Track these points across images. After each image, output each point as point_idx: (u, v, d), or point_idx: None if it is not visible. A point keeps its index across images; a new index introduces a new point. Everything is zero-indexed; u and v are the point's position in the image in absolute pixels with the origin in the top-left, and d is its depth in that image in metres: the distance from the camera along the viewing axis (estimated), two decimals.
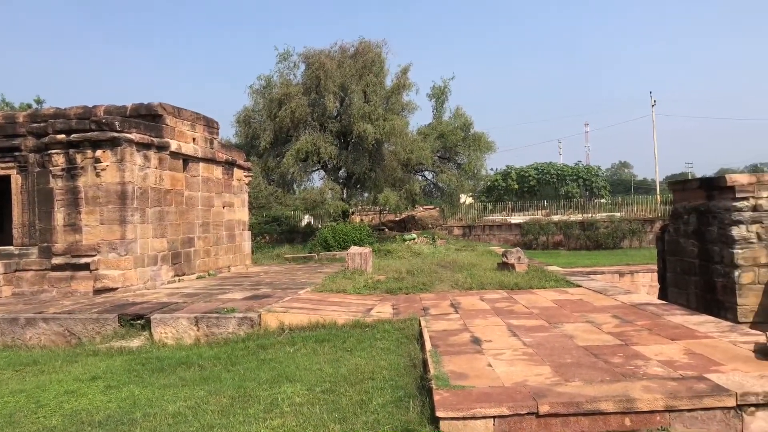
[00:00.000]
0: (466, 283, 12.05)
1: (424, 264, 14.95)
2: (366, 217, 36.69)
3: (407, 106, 27.25)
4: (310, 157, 24.76)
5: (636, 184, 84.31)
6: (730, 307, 11.35)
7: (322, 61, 25.16)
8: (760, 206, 11.29)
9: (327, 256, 20.25)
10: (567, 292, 10.80)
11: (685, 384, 4.96)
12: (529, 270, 13.44)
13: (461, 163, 28.49)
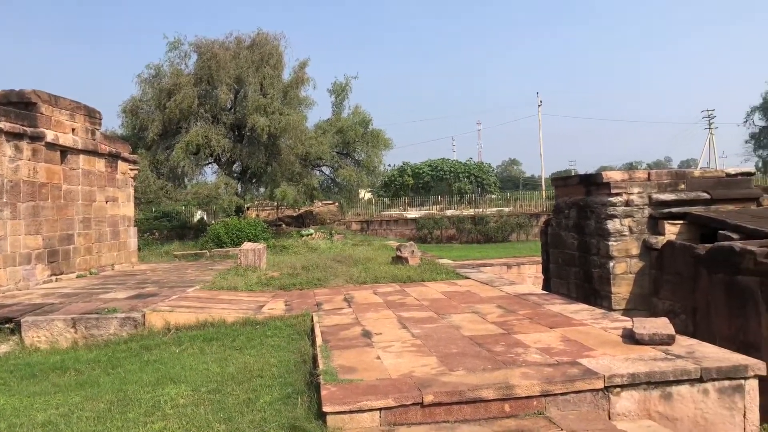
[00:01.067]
0: (361, 278, 12.13)
1: (320, 259, 14.90)
2: (263, 212, 36.06)
3: (305, 101, 27.05)
4: (201, 150, 23.97)
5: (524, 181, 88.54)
6: (606, 296, 12.13)
7: (215, 52, 24.41)
8: (631, 201, 12.13)
9: (219, 253, 19.69)
10: (456, 284, 11.14)
11: (559, 369, 5.25)
12: (422, 263, 13.73)
13: (359, 159, 28.66)
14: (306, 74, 26.61)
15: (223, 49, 24.95)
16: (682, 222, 11.71)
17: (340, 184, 28.68)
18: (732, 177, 12.82)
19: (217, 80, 24.17)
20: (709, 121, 61.46)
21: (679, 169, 13.80)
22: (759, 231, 9.80)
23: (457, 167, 47.60)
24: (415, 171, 47.23)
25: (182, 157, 23.17)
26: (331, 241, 21.89)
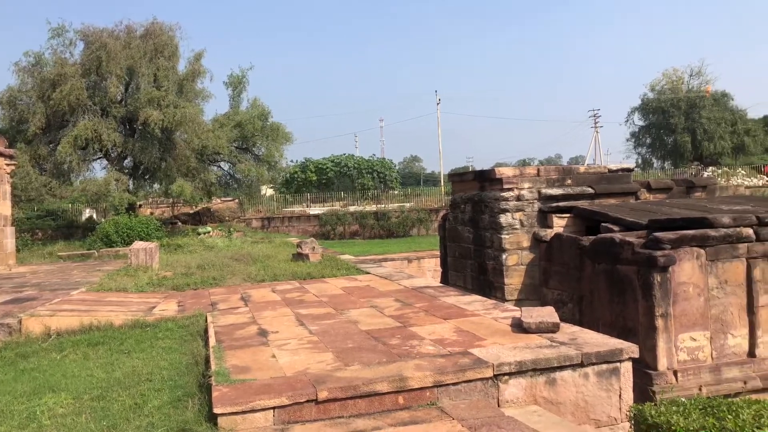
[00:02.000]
0: (259, 276, 11.90)
1: (217, 258, 14.47)
2: (158, 209, 34.59)
3: (201, 93, 26.19)
4: (90, 145, 22.62)
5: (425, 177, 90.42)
6: (499, 287, 12.59)
7: (105, 41, 23.07)
8: (522, 196, 12.64)
9: (109, 253, 18.67)
10: (356, 279, 11.17)
11: (451, 360, 5.38)
12: (323, 259, 13.67)
13: (259, 153, 28.11)
14: (202, 66, 25.76)
15: (114, 38, 23.65)
16: (569, 215, 12.32)
17: (239, 180, 28.01)
18: (614, 173, 13.66)
19: (106, 71, 22.86)
20: (594, 120, 65.37)
21: (566, 165, 14.53)
22: (637, 223, 10.47)
23: (360, 163, 47.79)
24: (318, 167, 46.98)
25: (69, 152, 21.74)
26: (230, 239, 21.34)
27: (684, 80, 54.46)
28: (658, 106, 53.10)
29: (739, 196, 14.81)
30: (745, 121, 52.99)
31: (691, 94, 52.34)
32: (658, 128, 53.92)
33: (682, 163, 50.55)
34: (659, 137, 54.28)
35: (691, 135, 50.52)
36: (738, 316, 9.16)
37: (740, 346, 9.10)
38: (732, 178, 37.92)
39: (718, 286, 9.16)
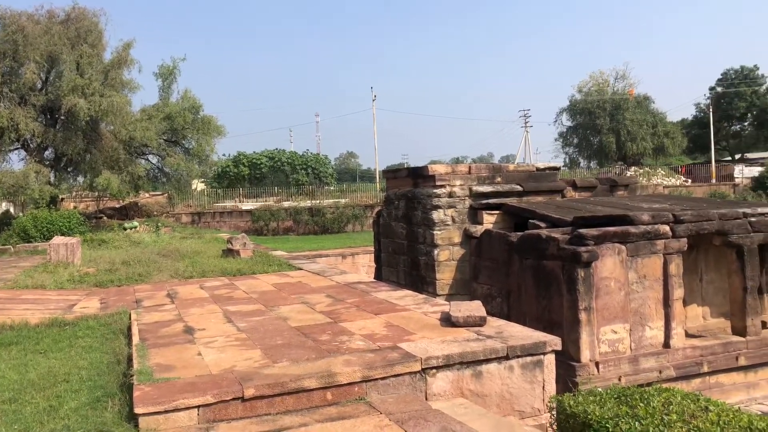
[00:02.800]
0: (187, 272, 11.59)
1: (143, 254, 13.99)
2: (82, 203, 33.14)
3: (129, 84, 25.21)
4: (6, 134, 21.41)
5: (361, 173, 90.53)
6: (431, 282, 12.74)
7: (22, 24, 21.85)
8: (454, 193, 12.82)
9: (26, 249, 17.74)
10: (288, 276, 11.06)
11: (381, 355, 5.39)
12: (254, 255, 13.45)
13: (190, 147, 27.33)
14: (130, 56, 24.82)
15: (33, 22, 22.42)
16: (499, 212, 12.59)
17: (168, 174, 27.17)
18: (541, 171, 14.05)
19: (24, 56, 21.66)
20: (525, 120, 67.13)
21: (496, 164, 14.83)
22: (562, 220, 10.80)
23: (294, 159, 47.30)
24: (252, 161, 46.18)
25: None
26: (158, 235, 20.67)
27: (609, 83, 56.70)
28: (584, 107, 55.07)
29: (658, 195, 15.55)
30: (665, 123, 55.68)
31: (616, 96, 54.55)
32: (584, 129, 55.92)
33: (607, 163, 52.63)
34: (586, 137, 56.30)
35: (615, 136, 52.65)
36: (655, 309, 9.60)
37: (656, 337, 9.54)
38: (653, 177, 39.83)
39: (637, 280, 9.57)
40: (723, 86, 60.20)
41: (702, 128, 57.44)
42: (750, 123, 61.58)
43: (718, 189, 37.80)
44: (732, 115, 59.90)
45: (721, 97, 59.28)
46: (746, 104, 58.69)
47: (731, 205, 11.93)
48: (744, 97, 58.35)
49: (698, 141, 59.29)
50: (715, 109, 56.10)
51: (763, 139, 59.94)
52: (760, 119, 59.19)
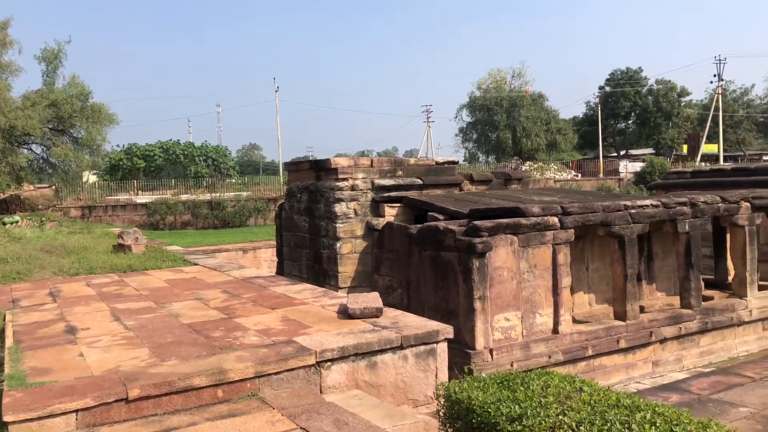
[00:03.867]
0: (73, 269, 10.91)
1: (24, 250, 13.02)
2: None
3: (8, 67, 23.44)
4: None
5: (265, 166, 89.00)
6: (333, 275, 12.71)
7: None
8: (356, 186, 12.84)
9: None
10: (183, 271, 10.67)
11: (275, 349, 5.30)
12: (147, 251, 12.88)
13: (78, 136, 25.79)
14: (9, 36, 23.05)
15: None
16: (400, 205, 12.75)
17: (55, 165, 25.52)
18: (440, 165, 14.36)
19: None
20: (427, 115, 68.52)
21: (397, 157, 15.00)
22: (459, 212, 11.09)
23: (193, 150, 45.73)
24: (146, 153, 44.18)
25: None
26: (42, 230, 19.33)
27: (507, 80, 58.90)
28: (483, 104, 56.91)
29: (549, 189, 16.31)
30: (558, 120, 58.59)
31: (513, 94, 56.76)
32: (483, 125, 57.82)
33: (504, 158, 54.69)
34: (484, 133, 58.24)
35: (512, 132, 54.80)
36: (545, 297, 10.06)
37: (546, 324, 10.00)
38: (546, 172, 41.78)
39: (528, 269, 9.98)
40: (610, 86, 64.12)
41: (591, 125, 60.92)
42: (633, 121, 66.03)
43: (604, 183, 40.26)
44: (618, 113, 63.94)
45: (609, 97, 63.13)
46: (630, 104, 62.83)
47: (614, 198, 12.71)
48: (628, 97, 62.43)
49: (588, 137, 62.85)
50: (603, 108, 59.65)
51: (645, 137, 64.47)
52: (642, 118, 63.58)
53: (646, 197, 12.74)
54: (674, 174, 21.87)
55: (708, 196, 11.91)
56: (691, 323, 11.13)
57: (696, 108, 63.04)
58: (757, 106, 62.52)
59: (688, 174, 20.72)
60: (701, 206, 11.49)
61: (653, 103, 61.99)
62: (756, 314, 11.97)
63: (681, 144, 60.22)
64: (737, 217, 11.94)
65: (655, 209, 11.04)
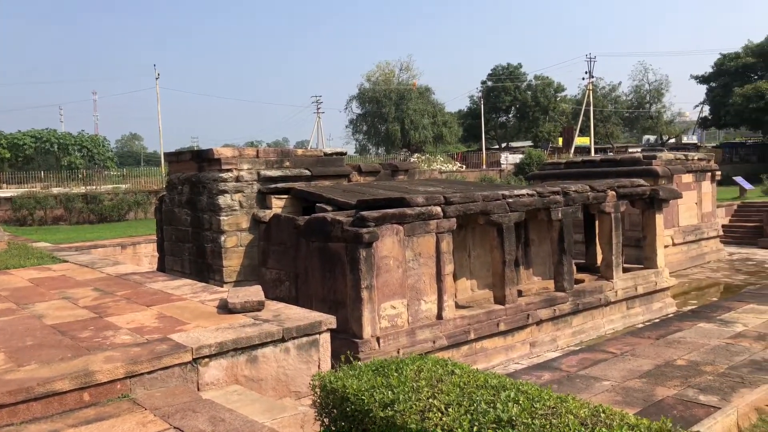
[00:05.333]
0: None
1: None
2: None
3: None
4: None
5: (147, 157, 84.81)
6: (218, 270, 12.33)
7: None
8: (241, 177, 12.50)
9: None
10: (50, 269, 9.91)
11: (148, 348, 5.04)
12: (10, 248, 11.86)
13: None
14: None
15: None
16: (287, 196, 12.57)
17: None
18: (329, 156, 14.32)
19: None
20: (317, 106, 68.12)
21: (285, 148, 14.81)
22: (347, 203, 11.11)
23: (66, 140, 42.66)
24: (13, 142, 40.70)
25: None
26: None
27: (395, 73, 59.75)
28: (373, 96, 57.44)
29: (434, 180, 16.72)
30: (444, 114, 60.30)
31: (401, 86, 57.69)
32: (373, 117, 58.38)
33: (393, 150, 55.54)
34: (374, 125, 58.83)
35: (400, 124, 55.75)
36: (429, 284, 10.31)
37: (431, 310, 10.27)
38: (433, 163, 42.86)
39: (413, 258, 10.19)
40: (492, 81, 66.80)
41: (475, 119, 63.21)
42: (514, 115, 69.26)
43: (487, 174, 41.94)
44: (499, 107, 66.80)
45: (491, 91, 65.75)
46: (511, 98, 65.83)
47: (493, 188, 13.24)
48: (509, 91, 65.35)
49: (472, 130, 65.20)
50: (485, 102, 62.03)
51: (525, 130, 67.86)
52: (521, 112, 66.85)
53: (522, 187, 13.37)
54: (549, 165, 23.19)
55: (578, 185, 12.71)
56: (565, 305, 11.84)
57: (570, 103, 67.08)
58: (624, 102, 67.55)
59: (562, 165, 22.06)
60: (572, 195, 12.23)
61: (532, 98, 65.32)
62: (621, 294, 12.95)
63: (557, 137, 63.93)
64: (604, 205, 12.83)
65: (530, 198, 11.62)
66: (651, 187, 14.11)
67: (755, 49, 49.06)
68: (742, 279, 17.44)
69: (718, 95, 49.51)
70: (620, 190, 13.13)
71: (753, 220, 24.31)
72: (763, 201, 26.27)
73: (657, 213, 13.99)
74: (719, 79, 50.59)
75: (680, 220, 19.60)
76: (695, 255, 19.83)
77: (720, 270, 18.95)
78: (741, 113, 45.44)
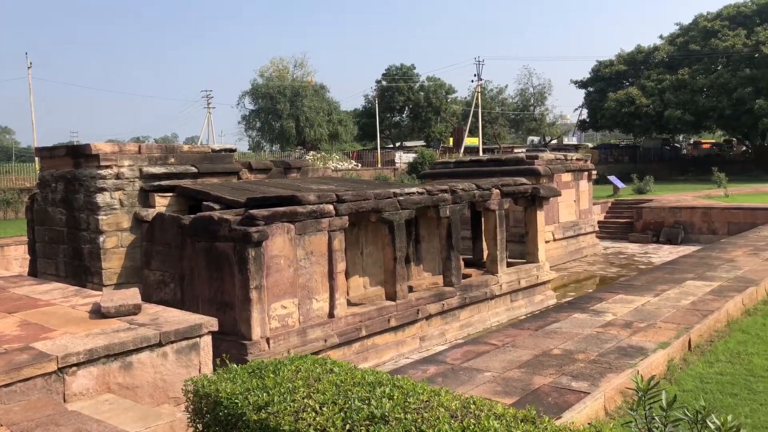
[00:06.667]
0: None
1: None
2: None
3: None
4: None
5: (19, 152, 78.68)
6: (97, 272, 11.62)
7: None
8: (122, 174, 11.85)
9: None
10: None
11: (6, 358, 4.64)
12: None
13: None
14: None
15: None
16: (172, 195, 12.07)
17: None
18: (217, 153, 13.90)
19: None
20: (207, 101, 66.02)
21: (169, 144, 14.23)
22: (236, 201, 10.84)
23: None
24: None
25: None
26: None
27: (290, 70, 59.09)
28: (267, 92, 56.46)
29: (327, 177, 16.68)
30: (339, 112, 60.41)
31: (296, 83, 57.12)
32: (267, 113, 57.40)
33: (288, 147, 54.94)
34: (268, 122, 57.87)
35: (295, 121, 55.20)
36: (321, 282, 10.27)
37: (322, 309, 10.23)
38: (329, 161, 42.83)
39: (305, 256, 10.10)
40: (387, 81, 67.70)
41: (370, 118, 63.81)
42: (407, 115, 70.60)
43: (382, 173, 42.44)
44: (393, 107, 67.84)
45: (385, 91, 66.62)
46: (404, 98, 67.03)
47: (385, 186, 13.40)
48: (403, 92, 66.51)
49: (367, 129, 65.77)
50: (380, 101, 62.76)
51: (418, 130, 69.35)
52: (415, 112, 68.26)
53: (413, 185, 13.66)
54: (440, 164, 23.86)
55: (466, 183, 13.13)
56: (453, 299, 12.20)
57: (461, 104, 69.28)
58: (510, 105, 70.70)
59: (451, 164, 22.76)
60: (460, 193, 12.61)
61: (424, 99, 66.82)
62: (505, 288, 13.52)
63: (448, 137, 65.84)
64: (489, 202, 13.34)
65: (420, 196, 11.86)
66: (533, 186, 14.85)
67: (626, 58, 52.91)
68: (615, 271, 18.77)
69: (595, 99, 52.94)
70: (504, 189, 13.70)
71: (625, 216, 26.26)
72: (634, 198, 28.41)
73: (538, 210, 14.73)
74: (596, 84, 54.08)
75: (560, 217, 20.77)
76: (574, 249, 21.11)
77: (596, 263, 20.29)
78: (615, 117, 48.87)
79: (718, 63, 45.38)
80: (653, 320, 8.83)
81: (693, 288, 10.89)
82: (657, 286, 11.21)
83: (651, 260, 19.84)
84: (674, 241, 23.24)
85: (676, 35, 50.43)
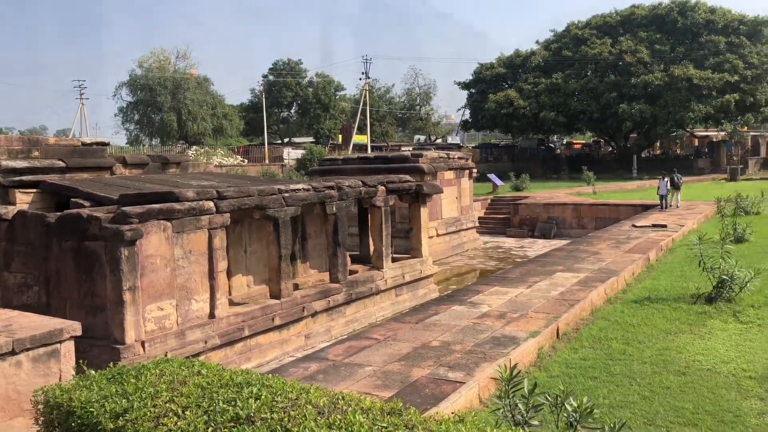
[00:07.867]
0: None
1: None
2: None
3: None
4: None
5: None
6: None
7: None
8: None
9: None
10: None
11: None
12: None
13: None
14: None
15: None
16: (36, 191, 11.29)
17: None
18: (88, 146, 13.09)
19: None
20: (80, 91, 61.82)
21: (33, 137, 13.23)
22: (108, 198, 10.25)
23: None
24: None
25: None
26: None
27: (171, 61, 56.62)
28: (146, 83, 53.78)
29: (209, 173, 16.20)
30: (224, 105, 58.73)
31: (177, 75, 54.82)
32: (146, 105, 54.73)
33: (169, 141, 52.63)
34: (147, 114, 55.20)
35: (177, 114, 53.02)
36: (201, 282, 9.94)
37: (203, 309, 9.91)
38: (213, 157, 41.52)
39: (183, 256, 9.73)
40: (274, 76, 66.64)
41: (257, 112, 62.51)
42: (296, 111, 69.94)
43: (269, 169, 41.72)
44: (281, 102, 66.93)
45: (273, 86, 65.55)
46: (293, 94, 66.33)
47: (270, 183, 13.19)
48: (291, 87, 65.78)
49: (254, 124, 64.40)
50: (267, 96, 61.67)
51: (306, 126, 68.90)
52: (303, 108, 67.75)
53: (299, 182, 13.55)
54: (328, 161, 23.85)
55: (352, 180, 13.20)
56: (339, 296, 12.24)
57: (349, 102, 69.58)
58: (397, 104, 72.03)
59: (339, 161, 22.83)
60: (346, 190, 12.67)
61: (313, 95, 66.45)
62: (390, 283, 13.76)
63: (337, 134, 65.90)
64: (375, 199, 13.50)
65: (306, 193, 11.78)
66: (417, 183, 15.21)
67: (506, 61, 55.42)
68: (493, 264, 19.66)
69: (477, 101, 55.04)
70: (390, 186, 13.92)
71: (503, 212, 27.58)
72: (511, 195, 29.90)
73: (422, 206, 15.10)
74: (477, 86, 56.22)
75: (443, 213, 21.45)
76: (456, 244, 21.87)
77: (476, 257, 21.14)
78: (494, 117, 51.09)
79: (587, 69, 48.66)
80: (525, 310, 9.33)
81: (562, 279, 11.61)
82: (530, 278, 11.84)
83: (526, 254, 20.96)
84: (548, 235, 24.73)
85: (551, 41, 53.49)
